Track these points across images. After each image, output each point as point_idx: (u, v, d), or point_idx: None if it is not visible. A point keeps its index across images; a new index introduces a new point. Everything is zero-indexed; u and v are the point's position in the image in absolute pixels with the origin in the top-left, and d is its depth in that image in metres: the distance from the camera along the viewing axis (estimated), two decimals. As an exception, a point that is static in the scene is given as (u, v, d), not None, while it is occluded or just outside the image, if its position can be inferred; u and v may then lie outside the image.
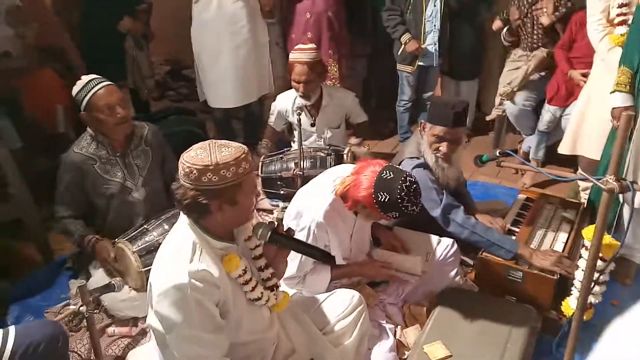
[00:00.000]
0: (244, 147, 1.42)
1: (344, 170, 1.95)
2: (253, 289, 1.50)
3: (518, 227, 2.30)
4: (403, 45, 3.33)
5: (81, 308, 1.81)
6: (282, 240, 1.53)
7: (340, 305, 1.81)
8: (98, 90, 2.20)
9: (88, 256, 2.33)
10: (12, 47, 3.24)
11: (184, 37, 3.42)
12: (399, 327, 2.06)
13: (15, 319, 2.23)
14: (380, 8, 3.46)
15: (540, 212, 2.41)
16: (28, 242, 2.67)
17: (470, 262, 2.33)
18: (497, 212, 2.48)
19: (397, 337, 2.00)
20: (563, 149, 2.73)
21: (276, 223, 1.54)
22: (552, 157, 3.19)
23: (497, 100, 3.35)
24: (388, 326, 2.03)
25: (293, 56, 2.85)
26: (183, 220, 1.47)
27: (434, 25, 3.30)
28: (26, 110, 3.22)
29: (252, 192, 1.44)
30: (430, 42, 3.35)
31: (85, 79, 2.24)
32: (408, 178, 1.74)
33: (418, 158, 2.21)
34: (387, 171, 1.75)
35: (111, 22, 3.59)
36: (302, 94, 2.83)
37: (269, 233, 1.50)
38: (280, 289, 1.89)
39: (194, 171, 1.34)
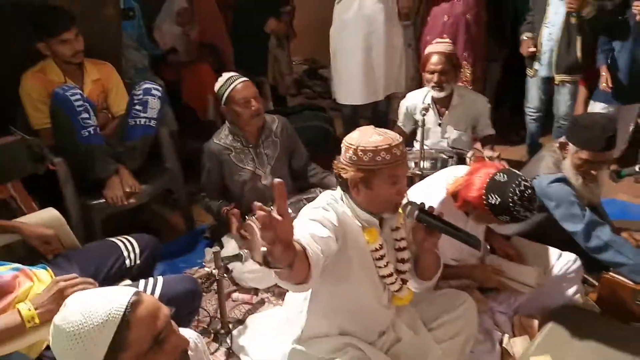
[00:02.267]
0: (393, 141, 1.48)
1: (459, 171, 1.95)
2: (386, 265, 1.58)
3: (655, 252, 2.11)
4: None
5: (213, 271, 2.08)
6: (429, 220, 1.55)
7: (449, 304, 1.81)
8: (236, 85, 2.47)
9: (223, 229, 2.63)
10: (178, 43, 3.73)
11: (323, 38, 3.61)
12: (506, 335, 2.01)
13: (160, 274, 2.59)
14: (523, 10, 3.34)
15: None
16: (176, 210, 3.07)
17: (594, 282, 2.19)
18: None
19: (503, 345, 1.97)
20: None
21: (426, 205, 1.58)
22: None
23: None
24: (495, 333, 2.00)
25: (430, 48, 2.89)
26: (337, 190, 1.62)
27: (550, 34, 3.09)
28: (183, 98, 3.69)
29: (392, 182, 1.51)
30: (546, 49, 3.13)
31: (225, 76, 2.52)
32: (523, 182, 1.70)
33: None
34: (502, 174, 1.73)
35: (258, 22, 3.87)
36: (436, 84, 2.83)
37: (417, 212, 1.55)
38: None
39: (344, 147, 1.53)
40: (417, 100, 3.01)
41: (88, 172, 2.48)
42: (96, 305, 0.98)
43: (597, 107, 3.17)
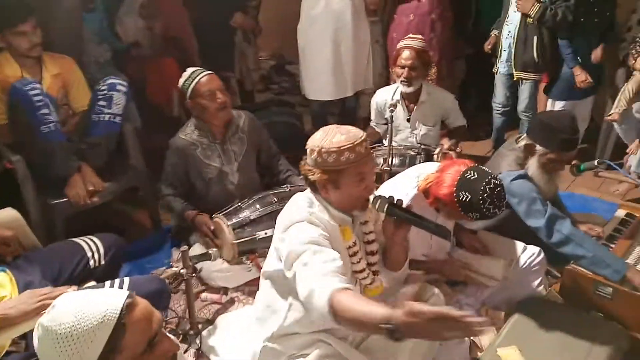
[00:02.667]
0: (356, 139, 1.48)
1: (430, 168, 1.98)
2: (359, 261, 1.61)
3: (614, 243, 2.19)
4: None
5: (182, 271, 2.04)
6: (399, 213, 1.58)
7: (418, 297, 1.81)
8: (201, 78, 2.43)
9: (188, 228, 2.58)
10: (141, 37, 3.63)
11: (290, 34, 3.60)
12: (474, 328, 2.05)
13: (126, 275, 2.53)
14: (484, 9, 3.40)
15: (640, 230, 2.27)
16: (141, 209, 2.99)
17: (557, 273, 2.26)
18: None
19: (471, 337, 2.01)
20: None
21: (395, 198, 1.59)
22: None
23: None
24: (463, 326, 2.03)
25: (402, 43, 2.91)
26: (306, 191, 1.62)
27: (509, 32, 3.18)
28: (147, 93, 3.60)
29: (359, 180, 1.52)
30: (505, 47, 3.23)
31: (189, 70, 2.49)
32: (492, 180, 1.73)
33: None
34: (472, 171, 1.76)
35: (225, 16, 3.81)
36: (405, 79, 2.86)
37: (387, 205, 1.56)
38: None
39: (308, 149, 1.53)
40: (386, 96, 3.03)
41: (49, 170, 2.39)
42: (90, 306, 0.96)
43: (557, 105, 3.26)
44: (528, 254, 2.11)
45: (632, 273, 1.93)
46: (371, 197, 1.58)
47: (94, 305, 0.96)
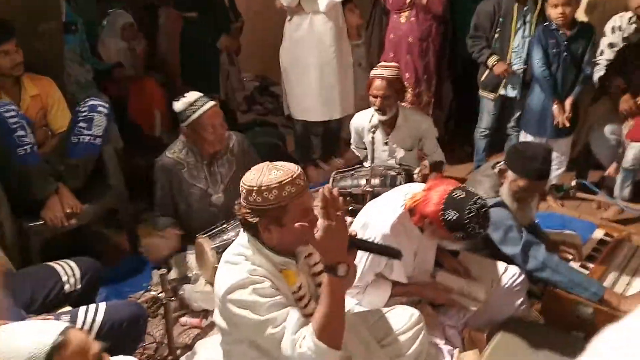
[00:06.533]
0: (294, 171, 1.44)
1: (416, 187, 1.98)
2: (306, 305, 1.54)
3: (592, 264, 2.21)
4: (488, 70, 3.32)
5: (160, 294, 2.01)
6: (349, 240, 1.55)
7: (399, 320, 1.82)
8: (207, 110, 2.39)
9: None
10: (123, 58, 3.64)
11: (273, 55, 3.62)
12: (456, 349, 2.04)
13: (102, 300, 2.47)
14: (459, 32, 3.46)
15: (619, 249, 2.30)
16: (120, 231, 2.93)
17: (538, 293, 2.26)
18: (570, 245, 2.39)
19: (454, 359, 2.00)
20: None
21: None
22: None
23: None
24: (446, 348, 2.02)
25: (374, 72, 2.94)
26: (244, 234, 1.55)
27: (520, 58, 3.24)
28: (128, 114, 3.58)
29: (302, 216, 1.46)
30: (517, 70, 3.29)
31: (191, 97, 2.41)
32: (479, 200, 1.74)
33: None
34: (460, 191, 1.77)
35: (212, 38, 3.82)
36: (378, 107, 2.90)
37: None
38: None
39: (244, 190, 1.44)
40: (364, 121, 3.07)
41: (25, 192, 2.34)
42: (17, 344, 0.90)
43: (528, 137, 3.25)
44: (509, 274, 2.12)
45: (609, 295, 1.96)
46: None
47: (22, 343, 0.90)
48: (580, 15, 3.26)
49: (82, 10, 3.50)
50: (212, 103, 2.44)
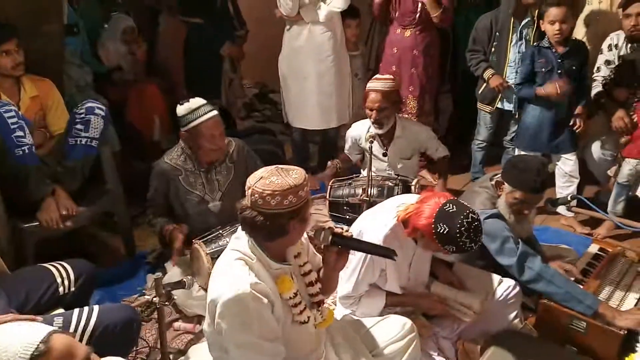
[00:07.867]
0: (294, 183, 1.46)
1: (410, 199, 1.99)
2: (301, 312, 1.58)
3: (587, 278, 2.22)
4: (485, 83, 3.34)
5: (154, 299, 1.99)
6: (342, 241, 1.59)
7: (392, 330, 1.83)
8: (208, 119, 2.38)
9: (167, 252, 2.54)
10: (123, 62, 3.65)
11: (273, 62, 3.63)
12: (450, 361, 2.04)
13: (96, 302, 2.46)
14: (458, 45, 3.48)
15: (613, 265, 2.30)
16: (116, 234, 2.92)
17: (532, 306, 2.27)
18: (565, 259, 2.40)
19: (447, 371, 1.99)
20: None
21: (335, 227, 1.62)
22: (635, 210, 3.02)
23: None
24: (439, 359, 2.02)
25: (370, 85, 2.96)
26: (242, 238, 1.58)
27: (516, 73, 3.25)
28: (127, 118, 3.58)
29: (303, 226, 1.54)
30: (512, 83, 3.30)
31: (195, 103, 2.40)
32: (471, 214, 1.74)
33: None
34: (451, 204, 1.77)
35: (217, 45, 3.86)
36: (374, 120, 2.91)
37: (331, 236, 1.57)
38: (336, 309, 1.96)
39: (266, 196, 1.46)
40: (361, 131, 3.08)
41: (21, 193, 2.34)
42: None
43: (522, 153, 3.20)
44: (504, 286, 2.12)
45: (603, 308, 1.96)
46: (311, 232, 1.61)
47: (1, 351, 0.89)
48: (574, 32, 3.28)
49: (84, 12, 3.51)
50: (214, 113, 2.42)
